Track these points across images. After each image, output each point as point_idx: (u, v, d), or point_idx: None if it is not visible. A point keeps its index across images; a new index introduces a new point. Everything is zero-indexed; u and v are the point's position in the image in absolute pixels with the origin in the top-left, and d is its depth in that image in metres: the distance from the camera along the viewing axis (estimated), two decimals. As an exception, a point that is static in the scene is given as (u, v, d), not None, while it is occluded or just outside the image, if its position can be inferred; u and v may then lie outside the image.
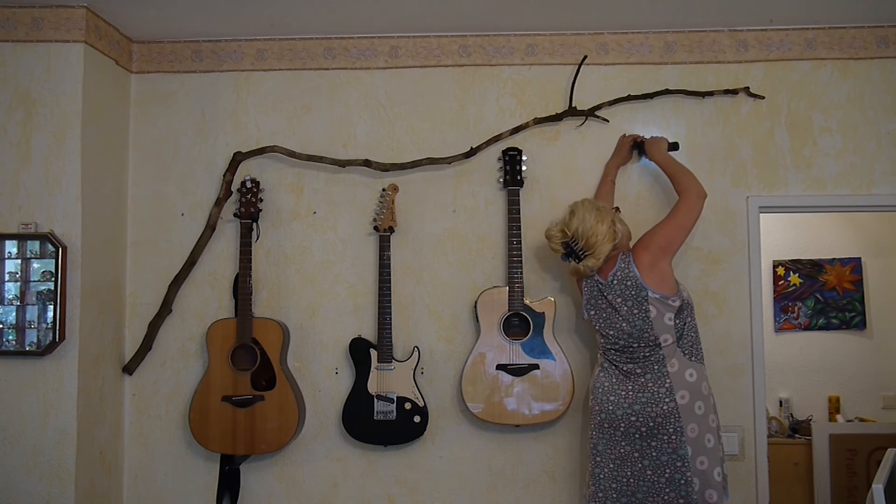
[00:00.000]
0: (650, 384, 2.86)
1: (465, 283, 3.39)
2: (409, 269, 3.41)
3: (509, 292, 3.24)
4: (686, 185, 3.02)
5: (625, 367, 2.92)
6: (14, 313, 3.10)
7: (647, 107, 3.38)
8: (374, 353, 3.29)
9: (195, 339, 3.43)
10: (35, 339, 3.08)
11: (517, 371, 3.21)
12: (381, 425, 3.27)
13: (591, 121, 3.39)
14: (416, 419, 3.27)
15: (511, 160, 3.32)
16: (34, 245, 3.10)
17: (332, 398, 3.39)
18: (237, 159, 3.40)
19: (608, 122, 3.38)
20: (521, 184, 3.31)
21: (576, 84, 3.37)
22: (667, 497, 2.82)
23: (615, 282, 2.92)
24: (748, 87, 3.35)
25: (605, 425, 2.91)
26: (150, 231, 3.48)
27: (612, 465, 2.89)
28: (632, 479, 2.86)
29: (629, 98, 3.36)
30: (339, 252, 3.44)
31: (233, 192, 3.42)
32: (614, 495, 2.88)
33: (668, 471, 2.82)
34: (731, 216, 3.34)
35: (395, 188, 3.34)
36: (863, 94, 3.35)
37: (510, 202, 3.29)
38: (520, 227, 3.27)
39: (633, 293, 2.88)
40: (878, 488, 2.46)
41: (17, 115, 3.12)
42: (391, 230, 3.33)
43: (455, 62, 3.44)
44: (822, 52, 3.36)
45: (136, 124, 3.51)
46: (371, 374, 3.28)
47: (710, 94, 3.34)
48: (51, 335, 3.05)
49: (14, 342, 3.09)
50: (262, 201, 3.39)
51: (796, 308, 5.14)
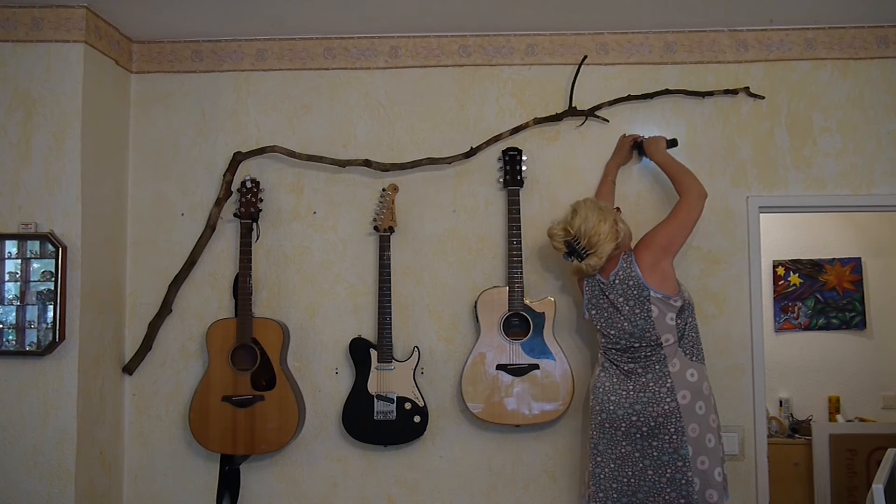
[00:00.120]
0: (651, 384, 2.86)
1: (465, 283, 3.39)
2: (409, 269, 3.41)
3: (509, 292, 3.24)
4: (687, 184, 3.02)
5: (626, 367, 2.92)
6: (14, 313, 3.10)
7: (647, 107, 3.38)
8: (374, 353, 3.29)
9: (195, 339, 3.43)
10: (35, 339, 3.08)
11: (517, 371, 3.21)
12: (381, 425, 3.27)
13: (591, 121, 3.39)
14: (416, 419, 3.27)
15: (511, 160, 3.32)
16: (34, 245, 3.10)
17: (332, 398, 3.39)
18: (237, 159, 3.40)
19: (608, 122, 3.38)
20: (521, 184, 3.31)
21: (576, 84, 3.37)
22: (668, 497, 2.82)
23: (617, 281, 2.92)
24: (748, 87, 3.35)
25: (606, 425, 2.91)
26: (150, 231, 3.48)
27: (612, 465, 2.89)
28: (632, 479, 2.86)
29: (629, 98, 3.36)
30: (339, 252, 3.44)
31: (233, 192, 3.42)
32: (615, 495, 2.88)
33: (668, 471, 2.82)
34: (731, 216, 3.34)
35: (395, 188, 3.34)
36: (863, 94, 3.35)
37: (510, 202, 3.29)
38: (520, 227, 3.27)
39: (635, 293, 2.89)
40: (878, 488, 2.46)
41: (17, 115, 3.12)
42: (391, 230, 3.33)
43: (455, 62, 3.44)
44: (822, 52, 3.36)
45: (136, 124, 3.51)
46: (371, 374, 3.28)
47: (710, 94, 3.34)
48: (51, 335, 3.05)
49: (14, 342, 3.09)
50: (262, 201, 3.39)
51: (796, 308, 5.14)
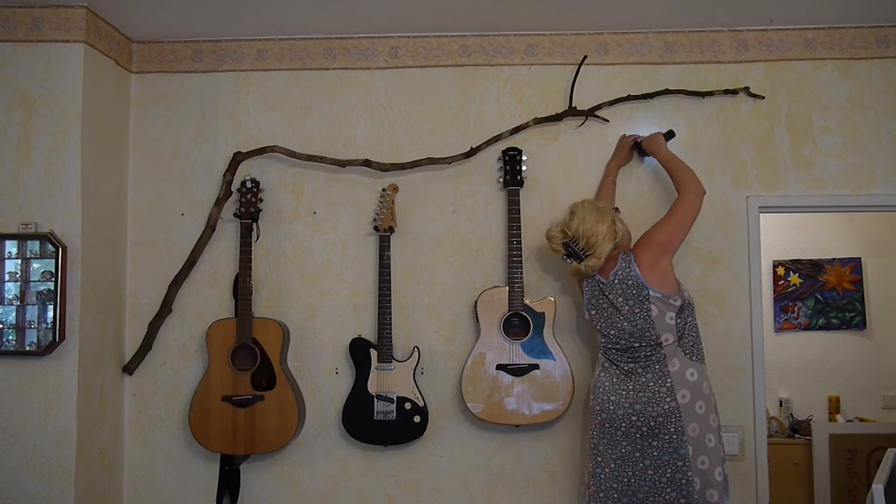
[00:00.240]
0: (651, 384, 2.86)
1: (465, 283, 3.39)
2: (409, 269, 3.41)
3: (509, 292, 3.24)
4: (685, 181, 3.02)
5: (626, 367, 2.92)
6: (14, 313, 3.10)
7: (647, 107, 3.38)
8: (374, 353, 3.29)
9: (195, 339, 3.43)
10: (35, 339, 3.08)
11: (517, 371, 3.21)
12: (381, 425, 3.27)
13: (591, 121, 3.39)
14: (416, 419, 3.27)
15: (511, 160, 3.32)
16: (34, 245, 3.10)
17: (332, 398, 3.39)
18: (237, 159, 3.40)
19: (608, 122, 3.38)
20: (521, 184, 3.31)
21: (576, 84, 3.37)
22: (668, 497, 2.82)
23: (616, 281, 2.92)
24: (748, 87, 3.35)
25: (606, 425, 2.91)
26: (150, 231, 3.48)
27: (613, 465, 2.89)
28: (633, 479, 2.86)
29: (629, 98, 3.36)
30: (339, 252, 3.44)
31: (233, 192, 3.42)
32: (615, 495, 2.88)
33: (669, 470, 2.82)
34: (731, 216, 3.34)
35: (395, 188, 3.34)
36: (863, 94, 3.35)
37: (510, 202, 3.29)
38: (520, 227, 3.27)
39: (635, 292, 2.89)
40: (878, 488, 2.46)
41: (17, 115, 3.12)
42: (391, 230, 3.33)
43: (455, 62, 3.44)
44: (822, 52, 3.36)
45: (136, 124, 3.51)
46: (371, 374, 3.28)
47: (710, 94, 3.34)
48: (51, 335, 3.05)
49: (14, 342, 3.09)
50: (262, 201, 3.39)
51: (796, 308, 5.14)
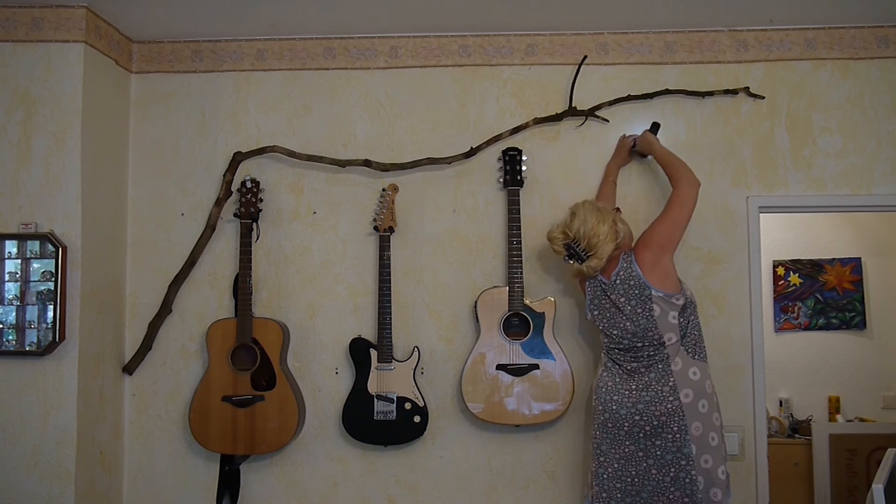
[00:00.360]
0: (654, 383, 2.85)
1: (465, 283, 3.39)
2: (409, 269, 3.41)
3: (509, 292, 3.24)
4: (678, 175, 3.02)
5: (629, 367, 2.91)
6: (14, 313, 3.10)
7: (647, 107, 3.38)
8: (374, 353, 3.29)
9: (195, 339, 3.43)
10: (35, 339, 3.08)
11: (517, 371, 3.21)
12: (381, 425, 3.27)
13: (591, 121, 3.39)
14: (416, 419, 3.27)
15: (511, 160, 3.32)
16: (34, 245, 3.10)
17: (332, 398, 3.39)
18: (237, 159, 3.40)
19: (608, 122, 3.38)
20: (521, 184, 3.31)
21: (576, 84, 3.37)
22: (672, 496, 2.82)
23: (618, 281, 2.92)
24: (748, 87, 3.35)
25: (609, 425, 2.91)
26: (150, 231, 3.48)
27: (616, 465, 2.89)
28: (636, 479, 2.86)
29: (629, 98, 3.36)
30: (339, 252, 3.44)
31: (233, 192, 3.42)
32: (619, 495, 2.87)
33: (672, 470, 2.82)
34: (731, 216, 3.34)
35: (395, 188, 3.34)
36: (863, 94, 3.35)
37: (510, 202, 3.29)
38: (520, 227, 3.27)
39: (637, 292, 2.88)
40: (878, 488, 2.46)
41: (17, 115, 3.12)
42: (391, 230, 3.33)
43: (455, 62, 3.44)
44: (822, 52, 3.36)
45: (136, 124, 3.51)
46: (371, 374, 3.28)
47: (710, 94, 3.34)
48: (51, 335, 3.05)
49: (14, 342, 3.09)
50: (262, 201, 3.39)
51: (796, 308, 5.14)
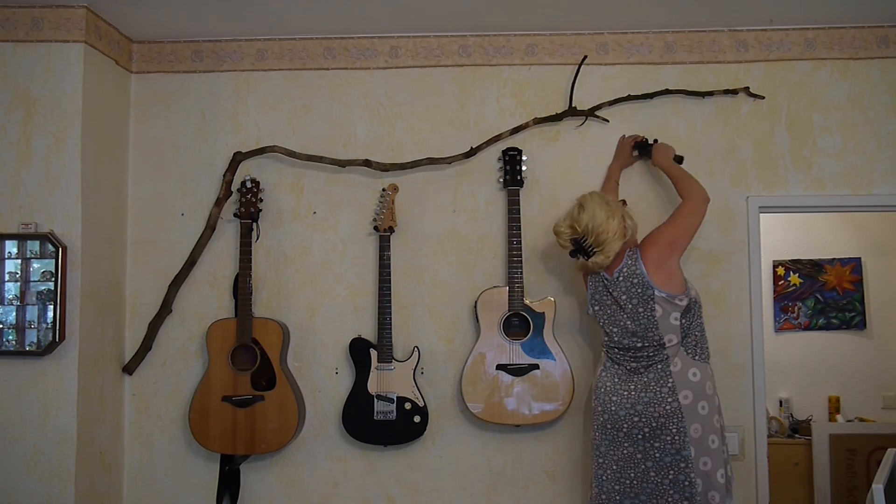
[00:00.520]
0: (653, 384, 2.84)
1: (465, 283, 3.39)
2: (409, 269, 3.41)
3: (509, 292, 3.24)
4: (691, 189, 3.00)
5: (628, 366, 2.90)
6: (14, 313, 3.10)
7: (647, 107, 3.38)
8: (374, 353, 3.29)
9: (195, 339, 3.43)
10: (35, 339, 3.08)
11: (517, 371, 3.21)
12: (381, 425, 3.27)
13: (591, 121, 3.39)
14: (416, 419, 3.27)
15: (511, 160, 3.32)
16: (34, 245, 3.10)
17: (332, 398, 3.39)
18: (237, 159, 3.40)
19: (608, 122, 3.37)
20: (521, 184, 3.31)
21: (576, 84, 3.37)
22: (670, 499, 2.79)
23: (621, 278, 2.89)
24: (748, 87, 3.35)
25: (608, 426, 2.89)
26: (150, 231, 3.48)
27: (615, 467, 2.88)
28: (635, 481, 2.84)
29: (629, 98, 3.36)
30: (339, 252, 3.44)
31: (233, 192, 3.42)
32: (617, 497, 2.86)
33: (671, 472, 2.80)
34: (731, 216, 3.34)
35: (395, 188, 3.34)
36: (863, 94, 3.35)
37: (510, 202, 3.29)
38: (520, 227, 3.27)
39: (639, 291, 2.85)
40: (878, 488, 2.45)
41: (17, 115, 3.12)
42: (391, 230, 3.33)
43: (455, 62, 3.44)
44: (822, 52, 3.36)
45: (136, 124, 3.51)
46: (371, 374, 3.28)
47: (710, 94, 3.34)
48: (51, 335, 3.05)
49: (14, 342, 3.09)
50: (262, 201, 3.39)
51: (796, 308, 5.13)
